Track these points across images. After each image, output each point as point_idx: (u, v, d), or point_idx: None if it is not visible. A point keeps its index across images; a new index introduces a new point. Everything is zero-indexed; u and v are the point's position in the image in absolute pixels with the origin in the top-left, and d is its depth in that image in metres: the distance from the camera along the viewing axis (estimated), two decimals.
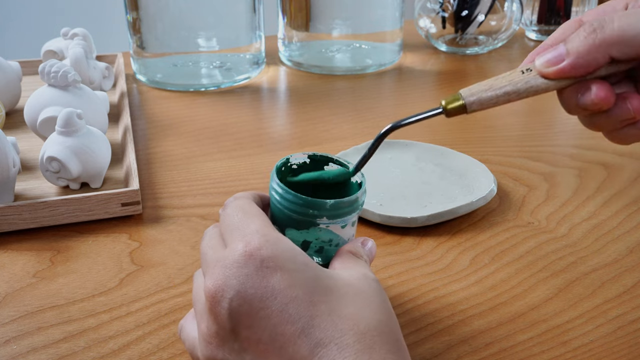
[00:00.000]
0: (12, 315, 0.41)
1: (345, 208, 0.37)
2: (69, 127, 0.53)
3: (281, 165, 0.39)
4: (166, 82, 0.80)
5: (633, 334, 0.39)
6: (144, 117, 0.72)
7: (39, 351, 0.38)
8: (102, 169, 0.54)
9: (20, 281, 0.44)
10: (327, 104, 0.75)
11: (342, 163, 0.40)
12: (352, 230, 0.38)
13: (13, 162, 0.51)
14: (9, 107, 0.70)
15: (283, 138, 0.67)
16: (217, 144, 0.65)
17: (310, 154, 0.40)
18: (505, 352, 0.38)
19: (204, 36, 0.80)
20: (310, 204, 0.36)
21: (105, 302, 0.42)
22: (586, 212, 0.52)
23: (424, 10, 0.94)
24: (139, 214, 0.52)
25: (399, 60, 0.90)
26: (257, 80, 0.83)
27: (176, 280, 0.44)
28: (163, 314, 0.41)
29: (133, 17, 0.79)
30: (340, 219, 0.37)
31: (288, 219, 0.37)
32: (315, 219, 0.36)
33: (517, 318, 0.40)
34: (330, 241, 0.38)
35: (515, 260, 0.46)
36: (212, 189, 0.56)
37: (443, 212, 0.49)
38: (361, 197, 0.37)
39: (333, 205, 0.36)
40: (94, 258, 0.47)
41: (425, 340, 0.39)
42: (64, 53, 0.77)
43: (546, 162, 0.60)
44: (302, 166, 0.40)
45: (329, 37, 0.87)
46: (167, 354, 0.38)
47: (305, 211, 0.36)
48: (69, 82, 0.59)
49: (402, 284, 0.44)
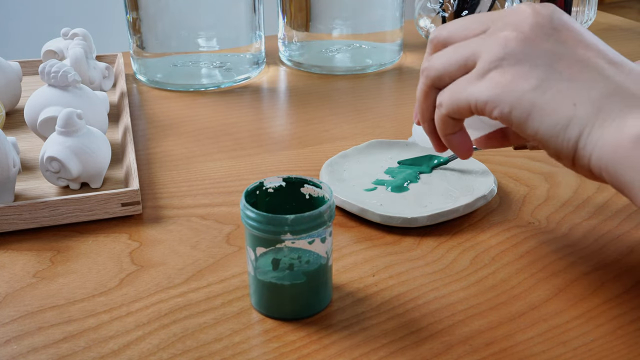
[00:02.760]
0: (12, 315, 0.41)
1: (308, 223, 0.37)
2: (69, 127, 0.53)
3: (254, 189, 0.40)
4: (166, 82, 0.80)
5: (633, 334, 0.39)
6: (144, 117, 0.72)
7: (39, 351, 0.38)
8: (102, 169, 0.54)
9: (20, 281, 0.44)
10: (327, 104, 0.75)
11: (316, 184, 0.40)
12: (324, 247, 0.39)
13: (13, 162, 0.51)
14: (9, 107, 0.70)
15: (283, 138, 0.67)
16: (217, 144, 0.65)
17: (285, 177, 0.41)
18: (505, 352, 0.38)
19: (204, 36, 0.80)
20: (270, 220, 0.37)
21: (105, 302, 0.42)
22: (586, 212, 0.52)
23: (424, 10, 0.94)
24: (139, 214, 0.52)
25: (399, 60, 0.90)
26: (257, 80, 0.83)
27: (176, 280, 0.44)
28: (163, 314, 0.41)
29: (133, 17, 0.79)
30: (306, 234, 0.37)
31: (256, 238, 0.38)
32: (279, 235, 0.37)
33: (517, 318, 0.40)
34: (299, 258, 0.39)
35: (515, 260, 0.46)
36: (212, 189, 0.56)
37: (443, 212, 0.49)
38: (327, 212, 0.38)
39: (294, 221, 0.36)
40: (94, 258, 0.47)
41: (425, 340, 0.39)
42: (64, 53, 0.77)
43: (546, 162, 0.60)
44: (279, 189, 0.41)
45: (329, 37, 0.87)
46: (167, 354, 0.38)
47: (268, 228, 0.37)
48: (69, 82, 0.59)
49: (402, 284, 0.44)
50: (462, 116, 0.39)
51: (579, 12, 0.97)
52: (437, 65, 0.40)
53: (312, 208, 0.40)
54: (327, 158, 0.59)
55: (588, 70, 0.36)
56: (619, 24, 1.09)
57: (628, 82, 0.35)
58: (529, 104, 0.36)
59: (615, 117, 0.34)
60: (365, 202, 0.51)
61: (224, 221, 0.51)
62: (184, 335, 0.39)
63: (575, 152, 0.35)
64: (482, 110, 0.37)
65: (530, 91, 0.36)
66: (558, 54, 0.36)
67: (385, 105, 0.75)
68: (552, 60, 0.36)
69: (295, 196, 0.41)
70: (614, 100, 0.34)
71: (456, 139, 0.42)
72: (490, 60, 0.37)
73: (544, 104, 0.35)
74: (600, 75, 0.35)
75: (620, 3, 3.22)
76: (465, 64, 0.39)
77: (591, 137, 0.34)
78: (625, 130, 0.33)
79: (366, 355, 0.38)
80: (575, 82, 0.35)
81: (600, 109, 0.34)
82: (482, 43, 0.38)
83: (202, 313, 0.41)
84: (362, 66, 0.86)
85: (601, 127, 0.34)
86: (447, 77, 0.40)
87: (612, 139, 0.34)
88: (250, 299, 0.42)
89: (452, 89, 0.39)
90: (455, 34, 0.41)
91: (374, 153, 0.60)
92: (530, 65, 0.36)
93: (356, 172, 0.56)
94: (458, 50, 0.39)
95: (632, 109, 0.34)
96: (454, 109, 0.39)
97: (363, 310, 0.41)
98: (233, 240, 0.49)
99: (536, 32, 0.37)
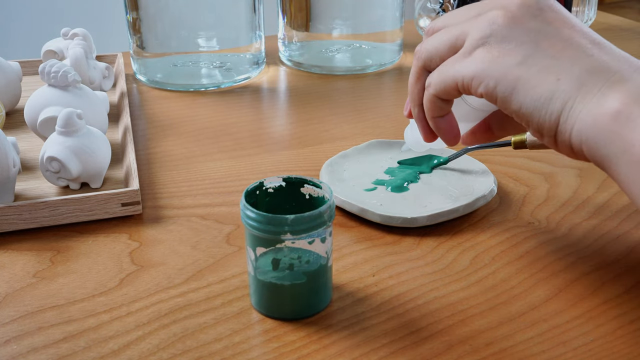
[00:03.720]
0: (12, 315, 0.41)
1: (308, 223, 0.37)
2: (69, 127, 0.53)
3: (254, 189, 0.40)
4: (166, 82, 0.80)
5: (633, 334, 0.39)
6: (144, 117, 0.72)
7: (39, 351, 0.38)
8: (102, 169, 0.54)
9: (20, 281, 0.44)
10: (327, 104, 0.75)
11: (316, 184, 0.40)
12: (324, 246, 0.39)
13: (13, 162, 0.51)
14: (9, 107, 0.70)
15: (283, 138, 0.67)
16: (217, 144, 0.65)
17: (285, 177, 0.41)
18: (505, 352, 0.38)
19: (204, 36, 0.80)
20: (270, 220, 0.37)
21: (105, 302, 0.42)
22: (586, 212, 0.52)
23: (424, 10, 0.94)
24: (139, 214, 0.52)
25: (399, 60, 0.90)
26: (257, 80, 0.83)
27: (176, 280, 0.44)
28: (163, 314, 0.41)
29: (133, 17, 0.79)
30: (306, 234, 0.37)
31: (256, 238, 0.38)
32: (278, 235, 0.37)
33: (517, 318, 0.40)
34: (299, 258, 0.39)
35: (515, 260, 0.46)
36: (212, 189, 0.56)
37: (443, 212, 0.49)
38: (327, 212, 0.38)
39: (294, 221, 0.37)
40: (94, 258, 0.47)
41: (425, 340, 0.39)
42: (64, 53, 0.77)
43: (546, 162, 0.60)
44: (279, 189, 0.41)
45: (329, 37, 0.87)
46: (167, 354, 0.38)
47: (268, 228, 0.37)
48: (69, 82, 0.59)
49: (402, 284, 0.44)
50: (449, 96, 0.41)
51: (579, 12, 0.97)
52: (427, 47, 0.41)
53: (312, 208, 0.40)
54: (327, 158, 0.59)
55: (572, 48, 0.37)
56: (619, 24, 1.09)
57: (610, 60, 0.36)
58: (514, 78, 0.37)
59: (597, 92, 0.35)
60: (365, 202, 0.51)
61: (224, 221, 0.51)
62: (184, 335, 0.39)
63: (557, 127, 0.37)
64: (469, 87, 0.38)
65: (515, 66, 0.37)
66: (543, 32, 0.37)
67: (385, 105, 0.75)
68: (537, 39, 0.37)
69: (295, 196, 0.41)
70: (596, 76, 0.36)
71: (443, 122, 0.43)
72: (477, 37, 0.38)
73: (529, 78, 0.36)
74: (584, 53, 0.37)
75: (620, 3, 3.22)
76: (455, 44, 0.40)
77: (573, 111, 0.36)
78: (606, 104, 0.35)
79: (366, 355, 0.38)
80: (559, 60, 0.36)
81: (583, 84, 0.36)
82: (471, 24, 0.39)
83: (202, 313, 0.41)
84: (362, 66, 0.86)
85: (583, 101, 0.35)
86: (437, 57, 0.41)
87: (593, 112, 0.35)
88: (250, 299, 0.42)
89: (440, 69, 0.40)
90: (448, 21, 0.42)
91: (374, 153, 0.60)
92: (516, 42, 0.37)
93: (356, 172, 0.56)
94: (449, 31, 0.40)
95: (613, 85, 0.35)
96: (442, 87, 0.40)
97: (363, 310, 0.41)
98: (233, 240, 0.49)
99: (522, 11, 0.38)
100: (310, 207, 0.41)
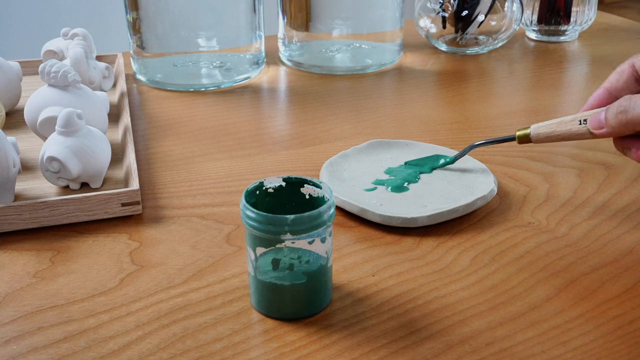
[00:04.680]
0: (12, 315, 0.41)
1: (308, 223, 0.37)
2: (69, 127, 0.53)
3: (254, 189, 0.40)
4: (166, 82, 0.80)
5: (633, 333, 0.39)
6: (144, 117, 0.72)
7: (39, 351, 0.38)
8: (102, 169, 0.54)
9: (20, 281, 0.44)
10: (327, 104, 0.75)
11: (316, 184, 0.41)
12: (324, 246, 0.39)
13: (13, 162, 0.51)
14: (9, 107, 0.70)
15: (283, 138, 0.67)
16: (217, 144, 0.65)
17: (285, 177, 0.41)
18: (505, 352, 0.38)
19: (204, 36, 0.80)
20: (270, 220, 0.37)
21: (105, 302, 0.42)
22: (586, 212, 0.52)
23: (424, 10, 0.94)
24: (139, 214, 0.52)
25: (399, 60, 0.90)
26: (257, 80, 0.83)
27: (176, 280, 0.44)
28: (163, 314, 0.41)
29: (133, 17, 0.79)
30: (306, 234, 0.37)
31: (256, 238, 0.38)
32: (278, 235, 0.37)
33: (517, 318, 0.40)
34: (299, 258, 0.39)
35: (515, 260, 0.46)
36: (212, 189, 0.56)
37: (443, 212, 0.49)
38: (326, 212, 0.38)
39: (294, 221, 0.37)
40: (94, 258, 0.47)
41: (425, 340, 0.39)
42: (64, 53, 0.77)
43: (546, 162, 0.60)
44: (279, 189, 0.41)
45: (329, 37, 0.87)
46: (167, 354, 0.38)
47: (268, 228, 0.37)
48: (69, 82, 0.59)
49: (402, 284, 0.44)
50: None
51: (579, 12, 0.97)
52: None
53: (312, 208, 0.40)
54: (327, 158, 0.59)
55: None
56: (619, 24, 1.09)
57: None
58: None
59: None
60: (365, 202, 0.51)
61: (224, 221, 0.51)
62: (184, 335, 0.39)
63: None
64: None
65: None
66: None
67: (385, 105, 0.75)
68: None
69: (295, 196, 0.41)
70: None
71: None
72: None
73: None
74: None
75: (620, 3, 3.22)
76: None
77: None
78: None
79: (366, 355, 0.38)
80: None
81: None
82: None
83: (202, 313, 0.41)
84: (362, 66, 0.86)
85: None
86: None
87: None
88: (250, 299, 0.42)
89: None
90: None
91: (374, 153, 0.60)
92: None
93: (356, 172, 0.56)
94: None
95: None
96: None
97: (363, 310, 0.41)
98: (233, 240, 0.49)
99: None
100: (310, 207, 0.41)
